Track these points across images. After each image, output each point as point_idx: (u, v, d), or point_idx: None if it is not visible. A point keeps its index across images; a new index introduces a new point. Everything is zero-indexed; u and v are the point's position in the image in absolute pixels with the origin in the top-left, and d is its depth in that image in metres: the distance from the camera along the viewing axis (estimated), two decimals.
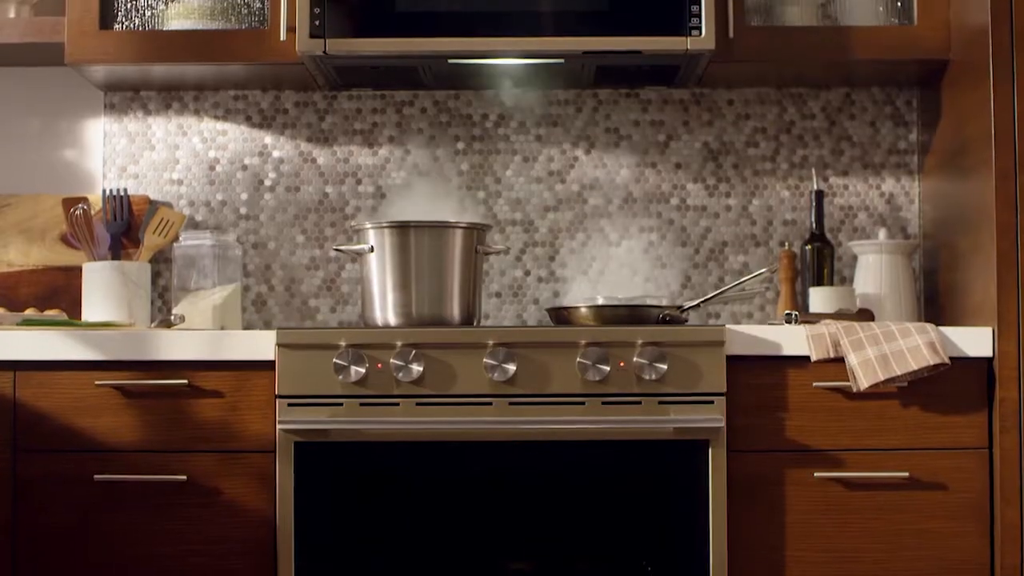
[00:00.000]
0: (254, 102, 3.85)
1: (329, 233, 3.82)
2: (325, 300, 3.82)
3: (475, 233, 3.37)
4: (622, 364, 3.13)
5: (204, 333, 3.18)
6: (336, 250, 3.38)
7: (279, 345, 3.13)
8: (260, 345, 3.15)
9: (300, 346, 3.14)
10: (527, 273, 3.83)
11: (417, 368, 3.11)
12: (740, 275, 3.81)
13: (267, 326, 3.81)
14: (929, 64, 3.56)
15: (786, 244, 3.75)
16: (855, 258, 3.71)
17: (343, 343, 3.13)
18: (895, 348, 3.13)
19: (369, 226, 3.35)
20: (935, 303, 3.65)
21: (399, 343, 3.13)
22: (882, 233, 3.65)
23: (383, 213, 3.74)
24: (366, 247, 3.34)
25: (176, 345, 3.16)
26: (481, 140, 3.84)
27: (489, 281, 3.80)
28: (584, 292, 3.76)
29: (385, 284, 3.33)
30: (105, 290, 3.56)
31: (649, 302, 3.53)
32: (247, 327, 3.77)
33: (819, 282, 3.64)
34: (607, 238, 3.82)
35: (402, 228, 3.33)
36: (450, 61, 3.51)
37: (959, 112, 3.47)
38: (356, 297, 3.80)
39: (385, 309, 3.33)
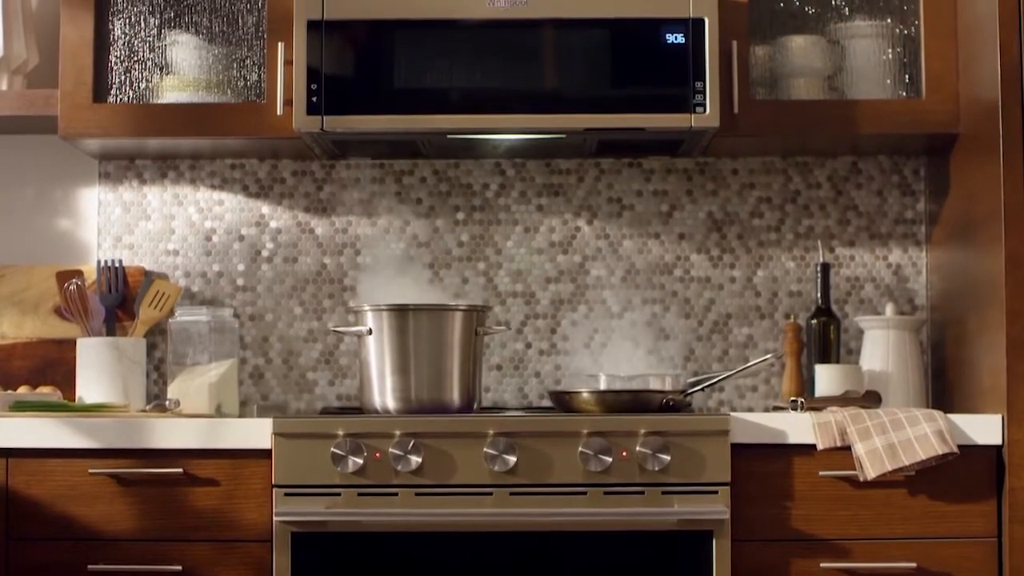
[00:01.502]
0: (251, 171, 3.79)
1: (327, 305, 3.76)
2: (323, 373, 3.76)
3: (475, 315, 3.31)
4: (624, 454, 3.07)
5: (199, 421, 3.14)
6: (334, 331, 3.33)
7: (275, 434, 3.08)
8: (256, 433, 3.10)
9: (297, 435, 3.09)
10: (528, 346, 3.77)
11: (416, 459, 3.06)
12: (744, 348, 3.75)
13: (264, 399, 3.75)
14: (938, 137, 3.50)
15: (791, 316, 3.69)
16: (862, 330, 3.65)
17: (340, 432, 3.08)
18: (903, 437, 3.08)
19: (367, 308, 3.30)
20: (943, 377, 3.59)
21: (398, 432, 3.08)
22: (889, 308, 3.59)
23: (382, 285, 3.68)
24: (364, 329, 3.29)
25: (171, 433, 3.11)
26: (481, 210, 3.78)
27: (490, 354, 3.74)
28: (586, 366, 3.71)
29: (384, 367, 3.27)
30: (99, 367, 3.50)
31: (651, 382, 3.46)
32: (244, 401, 3.71)
33: (825, 356, 3.59)
34: (609, 310, 3.76)
35: (400, 311, 3.27)
36: (449, 136, 3.45)
37: (968, 186, 3.42)
38: (355, 370, 3.74)
39: (384, 393, 3.28)
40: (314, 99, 3.35)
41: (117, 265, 3.68)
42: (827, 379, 3.48)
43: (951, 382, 3.52)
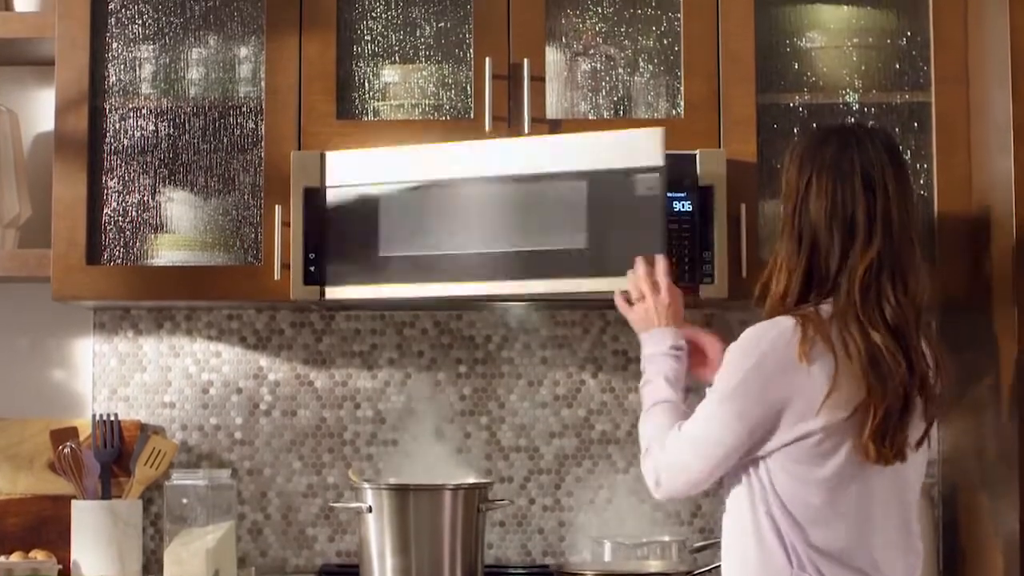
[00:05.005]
0: (249, 322, 3.71)
1: (327, 459, 3.68)
2: (323, 529, 3.68)
3: (477, 492, 3.24)
4: None
5: None
6: (332, 507, 3.26)
7: None
8: None
9: None
10: (532, 502, 3.68)
11: None
12: None
13: (263, 556, 3.67)
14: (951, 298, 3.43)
15: None
16: None
17: None
18: None
19: (367, 486, 3.23)
20: (953, 538, 3.50)
21: None
22: None
23: (382, 441, 3.61)
24: (364, 507, 3.22)
25: None
26: (484, 363, 3.69)
27: (492, 511, 3.66)
28: (591, 522, 3.63)
29: (384, 547, 3.21)
30: (95, 532, 3.44)
31: (657, 551, 3.40)
32: (242, 558, 3.62)
33: None
34: (615, 465, 3.68)
35: (401, 491, 3.20)
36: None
37: (982, 352, 3.33)
38: (355, 526, 3.65)
39: (384, 573, 3.21)
40: (312, 268, 3.27)
41: (112, 419, 3.60)
42: None
43: (963, 550, 3.44)
